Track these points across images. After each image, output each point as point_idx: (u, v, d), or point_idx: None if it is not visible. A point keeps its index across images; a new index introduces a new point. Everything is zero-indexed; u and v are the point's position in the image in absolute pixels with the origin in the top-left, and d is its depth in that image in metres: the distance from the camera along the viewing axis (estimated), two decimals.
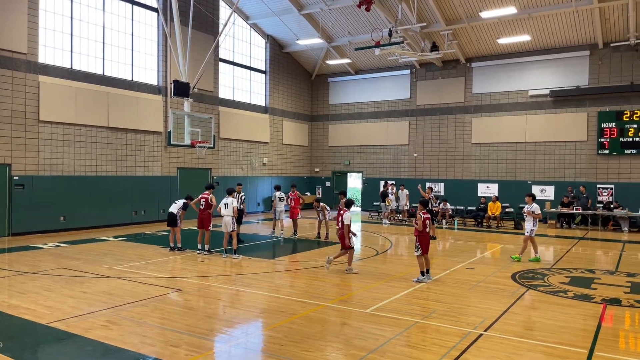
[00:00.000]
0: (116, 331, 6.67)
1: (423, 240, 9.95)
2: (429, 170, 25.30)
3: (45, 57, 16.52)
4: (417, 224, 10.05)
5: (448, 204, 21.24)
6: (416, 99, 25.59)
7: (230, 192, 12.76)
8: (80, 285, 9.23)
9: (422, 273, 9.98)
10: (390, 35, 17.62)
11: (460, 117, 24.40)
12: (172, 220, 13.29)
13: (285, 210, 16.87)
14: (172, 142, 18.21)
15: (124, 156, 18.77)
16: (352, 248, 10.80)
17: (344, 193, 13.94)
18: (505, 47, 22.64)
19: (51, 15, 16.69)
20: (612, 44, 20.71)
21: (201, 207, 12.94)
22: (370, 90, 27.12)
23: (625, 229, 19.25)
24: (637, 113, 20.27)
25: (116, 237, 16.03)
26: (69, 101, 16.92)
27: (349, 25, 23.39)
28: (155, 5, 19.65)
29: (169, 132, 18.03)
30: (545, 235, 17.77)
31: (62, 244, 14.25)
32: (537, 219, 12.34)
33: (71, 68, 17.26)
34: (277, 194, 16.76)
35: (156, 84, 20.16)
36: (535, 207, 12.30)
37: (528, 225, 12.38)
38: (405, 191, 21.59)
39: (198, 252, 12.97)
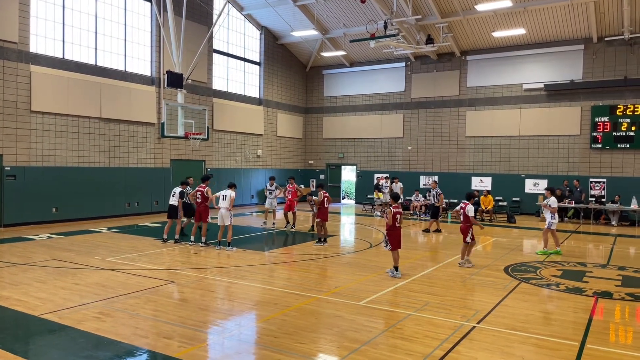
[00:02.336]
0: (109, 323, 6.64)
1: (392, 235, 9.65)
2: (423, 163, 25.33)
3: (36, 46, 16.32)
4: (387, 217, 9.82)
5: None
6: (411, 92, 25.56)
7: (230, 185, 12.75)
8: (72, 277, 9.19)
9: (396, 268, 9.69)
10: (385, 27, 17.54)
11: (454, 110, 24.40)
12: (173, 211, 13.28)
13: (280, 203, 16.89)
14: (165, 134, 18.14)
15: (116, 147, 18.64)
16: (472, 241, 10.85)
17: (322, 185, 14.07)
18: (500, 40, 22.62)
19: (43, 4, 16.47)
20: (606, 38, 20.74)
21: (198, 200, 12.92)
22: (365, 83, 27.04)
23: (614, 222, 19.41)
24: (630, 107, 20.35)
25: (109, 228, 15.95)
26: (61, 91, 16.75)
27: (344, 16, 23.27)
28: None
29: (162, 124, 17.94)
30: (537, 228, 17.87)
31: (54, 236, 14.17)
32: (556, 212, 12.52)
33: (63, 58, 17.08)
34: (267, 185, 17.14)
35: (149, 74, 20.00)
36: (551, 201, 12.52)
37: (547, 218, 12.59)
38: (400, 184, 21.61)
39: (190, 244, 12.94)
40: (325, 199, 13.28)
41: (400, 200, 10.46)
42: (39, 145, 16.27)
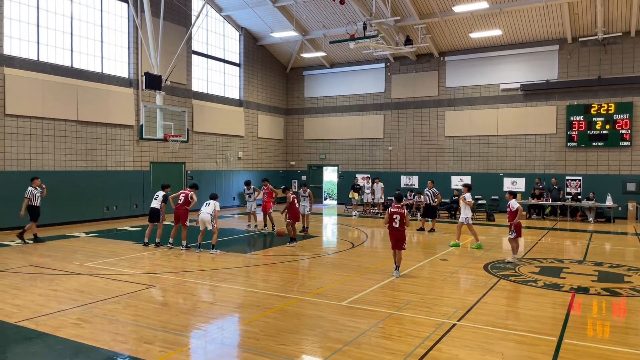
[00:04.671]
0: (87, 329, 6.53)
1: (390, 235, 9.93)
2: (403, 163, 25.51)
3: (10, 48, 15.97)
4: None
5: (422, 197, 21.44)
6: (391, 93, 25.73)
7: (213, 197, 12.57)
8: (50, 283, 9.01)
9: (396, 267, 9.80)
10: (364, 28, 17.65)
11: (434, 111, 24.65)
12: (154, 215, 13.11)
13: (258, 205, 16.94)
14: (144, 136, 17.94)
15: (94, 150, 18.34)
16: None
17: (288, 188, 14.41)
18: (477, 41, 22.93)
19: (17, 5, 16.12)
20: (580, 39, 21.19)
21: (179, 201, 12.80)
22: (345, 84, 27.14)
23: (591, 219, 19.83)
24: (604, 106, 20.83)
25: (87, 233, 15.69)
26: (36, 94, 16.42)
27: (324, 18, 23.31)
28: None
29: (141, 126, 17.75)
30: None
31: (30, 241, 13.87)
32: (469, 207, 13.33)
33: (38, 60, 16.74)
34: (245, 189, 17.13)
35: (127, 76, 19.72)
36: (467, 195, 13.19)
37: (463, 212, 13.28)
38: (380, 184, 21.73)
39: (169, 246, 12.80)
40: (294, 200, 13.41)
41: (402, 202, 10.37)
42: (14, 149, 15.92)
